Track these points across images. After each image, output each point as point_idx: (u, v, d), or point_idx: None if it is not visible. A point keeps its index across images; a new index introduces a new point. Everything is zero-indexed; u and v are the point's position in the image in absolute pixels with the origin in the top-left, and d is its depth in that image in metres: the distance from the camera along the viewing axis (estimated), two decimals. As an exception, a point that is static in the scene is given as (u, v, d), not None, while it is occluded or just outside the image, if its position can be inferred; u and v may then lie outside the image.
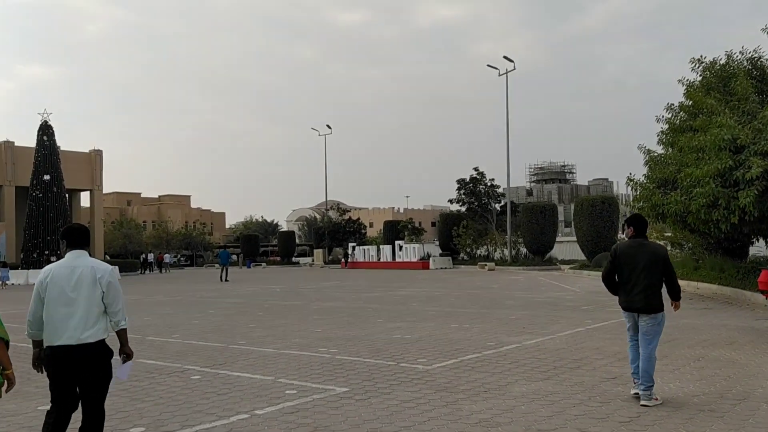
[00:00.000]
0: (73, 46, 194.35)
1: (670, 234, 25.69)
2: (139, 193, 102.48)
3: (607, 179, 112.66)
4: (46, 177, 39.41)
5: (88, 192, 53.23)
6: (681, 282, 20.83)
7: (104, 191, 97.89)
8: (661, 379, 7.02)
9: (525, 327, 11.68)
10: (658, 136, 17.90)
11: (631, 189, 17.51)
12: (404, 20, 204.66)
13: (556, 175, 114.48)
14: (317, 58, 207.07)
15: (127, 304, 6.22)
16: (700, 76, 16.84)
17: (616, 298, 6.71)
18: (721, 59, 16.89)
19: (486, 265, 38.92)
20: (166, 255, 57.43)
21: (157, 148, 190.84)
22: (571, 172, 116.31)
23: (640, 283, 6.19)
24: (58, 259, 5.20)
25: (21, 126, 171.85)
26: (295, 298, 20.09)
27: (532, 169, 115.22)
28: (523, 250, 41.83)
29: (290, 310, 16.22)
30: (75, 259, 4.33)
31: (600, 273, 25.31)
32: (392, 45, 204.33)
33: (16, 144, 48.02)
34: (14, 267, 39.86)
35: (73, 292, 4.20)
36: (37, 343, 4.36)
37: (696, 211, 14.31)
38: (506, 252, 42.22)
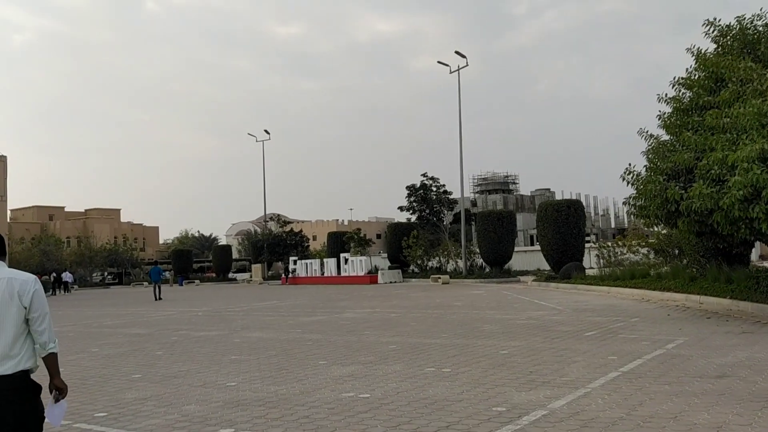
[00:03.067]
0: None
1: (653, 240, 22.89)
2: (63, 207, 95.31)
3: (549, 189, 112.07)
4: (-67, 185, 33.89)
5: (-9, 203, 47.18)
6: (677, 296, 17.81)
7: (23, 206, 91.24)
8: None
9: (532, 371, 8.10)
10: (659, 119, 14.79)
11: (629, 184, 14.27)
12: (341, 34, 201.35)
13: (499, 186, 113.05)
14: (254, 70, 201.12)
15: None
16: (715, 42, 13.80)
17: (621, 318, 3.36)
18: (733, 25, 13.92)
19: (440, 278, 35.50)
20: (65, 273, 50.82)
21: (85, 160, 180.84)
22: (514, 183, 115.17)
23: None
24: None
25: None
26: (216, 326, 16.05)
27: (476, 180, 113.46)
28: (479, 261, 38.70)
29: (203, 345, 12.22)
30: None
31: (573, 284, 21.51)
32: (330, 58, 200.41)
33: None
34: None
35: None
36: None
37: (728, 207, 11.13)
38: (460, 263, 38.95)
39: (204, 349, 11.61)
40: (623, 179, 14.55)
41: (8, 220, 70.22)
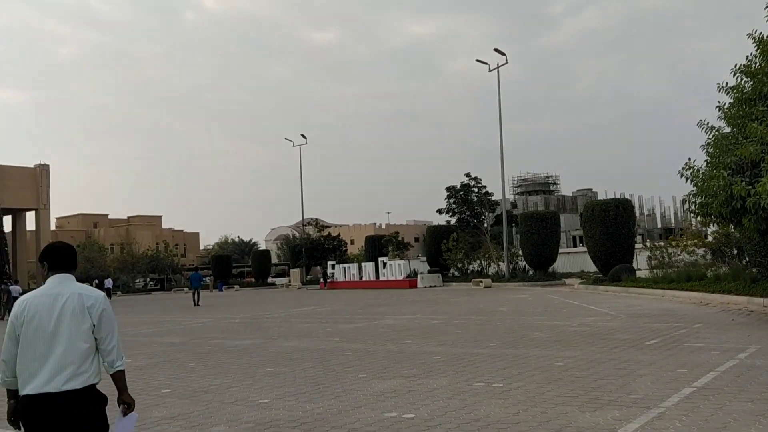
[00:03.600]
0: (45, 69, 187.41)
1: (710, 239, 21.68)
2: (107, 215, 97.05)
3: (591, 189, 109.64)
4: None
5: (34, 212, 47.96)
6: (739, 299, 16.65)
7: (69, 213, 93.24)
8: None
9: (594, 387, 7.32)
10: (719, 110, 13.78)
11: (688, 180, 13.29)
12: (377, 39, 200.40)
13: (540, 187, 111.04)
14: (291, 77, 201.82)
15: None
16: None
17: (683, 324, 2.67)
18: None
19: (481, 282, 34.57)
20: (107, 279, 51.24)
21: (128, 169, 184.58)
22: (555, 183, 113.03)
23: None
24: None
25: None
26: (252, 334, 15.57)
27: (516, 181, 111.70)
28: (522, 263, 37.65)
29: (237, 355, 11.71)
30: (58, 285, 3.43)
31: (624, 287, 20.28)
32: (367, 62, 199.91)
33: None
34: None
35: (56, 326, 3.31)
36: (13, 393, 3.44)
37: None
38: (502, 266, 37.96)
39: (238, 360, 11.10)
40: (681, 175, 13.58)
41: (53, 227, 71.66)
